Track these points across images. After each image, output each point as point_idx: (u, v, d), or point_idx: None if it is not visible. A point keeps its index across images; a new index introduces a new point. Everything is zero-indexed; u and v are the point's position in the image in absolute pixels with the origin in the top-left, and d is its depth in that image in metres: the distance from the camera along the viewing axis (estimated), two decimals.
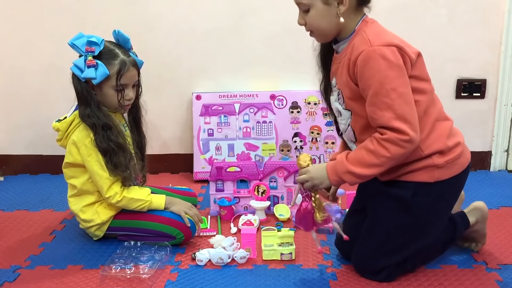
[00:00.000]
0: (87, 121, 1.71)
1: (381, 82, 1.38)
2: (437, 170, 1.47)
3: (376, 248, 1.54)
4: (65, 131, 1.77)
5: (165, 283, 1.59)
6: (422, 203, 1.50)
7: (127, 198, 1.75)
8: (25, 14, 2.43)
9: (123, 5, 2.41)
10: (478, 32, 2.42)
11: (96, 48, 1.68)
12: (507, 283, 1.56)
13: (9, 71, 2.51)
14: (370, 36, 1.41)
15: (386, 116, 1.38)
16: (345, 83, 1.48)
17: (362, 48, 1.40)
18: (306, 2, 1.46)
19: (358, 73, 1.42)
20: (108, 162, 1.72)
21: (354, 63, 1.41)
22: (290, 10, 2.42)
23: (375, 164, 1.42)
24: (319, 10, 1.45)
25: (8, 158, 2.60)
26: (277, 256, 1.70)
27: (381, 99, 1.38)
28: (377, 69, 1.38)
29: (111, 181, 1.74)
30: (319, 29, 1.50)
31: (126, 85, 1.74)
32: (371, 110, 1.42)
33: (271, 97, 2.47)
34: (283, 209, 2.05)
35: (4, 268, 1.70)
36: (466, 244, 1.76)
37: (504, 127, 2.52)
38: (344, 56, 1.48)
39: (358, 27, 1.47)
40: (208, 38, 2.45)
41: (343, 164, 1.46)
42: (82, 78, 1.68)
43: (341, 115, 1.58)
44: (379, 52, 1.38)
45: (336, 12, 1.44)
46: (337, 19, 1.45)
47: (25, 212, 2.16)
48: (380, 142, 1.41)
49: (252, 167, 2.08)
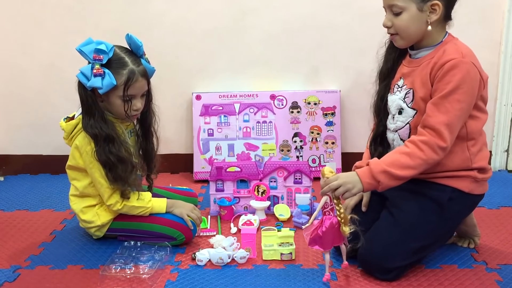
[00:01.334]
0: (89, 132, 1.67)
1: (453, 90, 1.46)
2: (474, 183, 1.57)
3: (396, 246, 1.54)
4: (69, 133, 1.75)
5: (165, 283, 1.59)
6: (454, 210, 1.57)
7: (128, 206, 1.75)
8: (25, 14, 2.43)
9: (123, 5, 2.41)
10: (478, 32, 2.42)
11: (104, 56, 1.62)
12: (507, 283, 1.56)
13: (9, 71, 2.51)
14: (464, 50, 1.51)
15: (439, 119, 1.47)
16: (424, 84, 1.54)
17: (454, 56, 1.48)
18: (401, 4, 1.51)
19: (439, 75, 1.49)
20: (107, 174, 1.71)
21: (441, 66, 1.49)
22: (290, 10, 2.44)
23: (410, 166, 1.47)
24: (412, 14, 1.51)
25: (8, 158, 2.60)
26: (277, 256, 1.70)
27: (444, 103, 1.47)
28: (457, 79, 1.46)
29: (112, 190, 1.73)
30: (406, 33, 1.55)
31: (133, 95, 1.70)
32: (430, 108, 1.49)
33: (271, 97, 2.47)
34: (283, 209, 2.05)
35: (4, 268, 1.70)
36: (464, 244, 1.77)
37: (504, 127, 2.52)
38: (426, 61, 1.55)
39: (448, 38, 1.56)
40: (208, 38, 2.45)
41: (378, 164, 1.48)
42: (88, 86, 1.64)
43: (401, 114, 1.61)
44: (467, 66, 1.47)
45: (426, 19, 1.51)
46: (425, 27, 1.52)
47: (25, 212, 2.16)
48: (417, 144, 1.48)
49: (252, 167, 2.08)
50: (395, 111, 1.63)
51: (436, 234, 1.58)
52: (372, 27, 2.43)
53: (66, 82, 1.72)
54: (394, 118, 1.63)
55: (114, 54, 1.65)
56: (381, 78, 1.69)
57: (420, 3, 1.50)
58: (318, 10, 2.41)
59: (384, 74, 1.69)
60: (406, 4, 1.50)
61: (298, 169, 2.05)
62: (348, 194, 1.49)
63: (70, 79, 1.74)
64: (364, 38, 2.42)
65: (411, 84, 1.58)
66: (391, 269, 1.55)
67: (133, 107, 1.72)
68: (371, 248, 1.56)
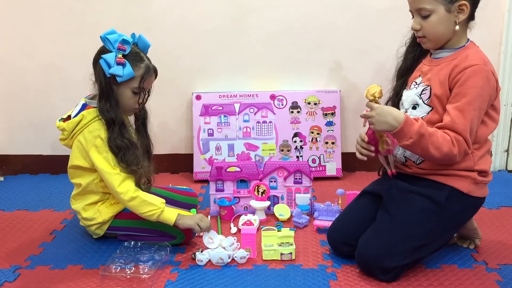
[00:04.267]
0: (106, 115, 1.70)
1: (476, 97, 1.49)
2: (473, 185, 1.58)
3: (393, 245, 1.54)
4: (71, 131, 1.75)
5: (165, 283, 1.59)
6: (452, 209, 1.58)
7: (141, 198, 1.71)
8: (25, 14, 2.43)
9: (123, 5, 2.41)
10: (478, 32, 2.41)
11: (128, 47, 1.70)
12: (507, 283, 1.56)
13: (9, 71, 2.51)
14: (485, 58, 1.55)
15: (466, 126, 1.49)
16: (442, 83, 1.55)
17: (476, 62, 1.51)
18: (430, 7, 1.52)
19: (461, 80, 1.50)
20: (121, 160, 1.71)
21: (463, 69, 1.51)
22: (290, 10, 2.44)
23: (440, 150, 1.49)
24: (440, 16, 1.52)
25: (8, 158, 2.60)
26: (277, 256, 1.71)
27: (470, 110, 1.49)
28: (480, 85, 1.50)
29: (123, 177, 1.71)
30: (435, 35, 1.56)
31: (144, 89, 1.76)
32: (454, 113, 1.50)
33: (271, 97, 2.47)
34: (283, 209, 2.05)
35: (4, 268, 1.70)
36: (465, 244, 1.78)
37: (504, 127, 2.52)
38: (446, 62, 1.57)
39: (470, 44, 1.60)
40: (208, 38, 2.45)
41: (423, 127, 1.48)
42: (108, 73, 1.68)
43: (415, 109, 1.62)
44: (487, 74, 1.51)
45: (454, 20, 1.53)
46: (453, 27, 1.54)
47: (25, 212, 2.16)
48: (453, 140, 1.49)
49: (252, 167, 2.08)
50: (408, 105, 1.63)
51: (434, 234, 1.58)
52: (372, 27, 2.44)
53: (66, 82, 1.72)
54: (407, 113, 1.62)
55: (132, 48, 1.73)
56: (399, 76, 1.72)
57: (448, 4, 1.51)
58: (318, 10, 2.41)
59: (402, 72, 1.71)
60: (435, 6, 1.51)
61: (298, 169, 2.05)
62: (373, 128, 1.52)
63: (70, 79, 1.74)
64: (364, 38, 2.43)
65: (429, 81, 1.59)
66: (390, 269, 1.55)
67: (137, 101, 1.77)
68: (369, 248, 1.57)
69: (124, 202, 1.73)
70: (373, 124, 1.50)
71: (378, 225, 1.60)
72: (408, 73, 1.69)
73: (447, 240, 1.67)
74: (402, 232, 1.55)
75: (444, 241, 1.66)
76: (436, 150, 1.48)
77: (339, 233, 1.70)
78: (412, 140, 1.47)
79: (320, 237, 1.85)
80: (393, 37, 1.75)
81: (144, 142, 1.89)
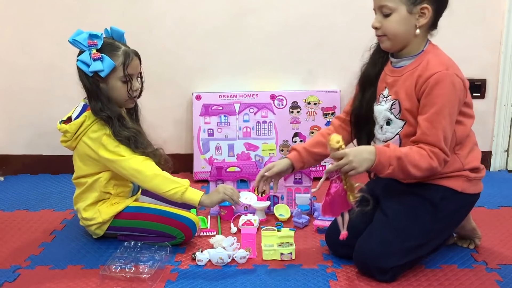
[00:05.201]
0: (102, 115, 1.70)
1: (444, 104, 1.48)
2: (466, 182, 1.58)
3: (390, 246, 1.54)
4: (74, 133, 1.74)
5: (165, 283, 1.59)
6: (447, 209, 1.57)
7: (164, 176, 1.71)
8: (25, 14, 2.43)
9: (123, 5, 2.41)
10: (478, 32, 2.42)
11: (98, 41, 1.68)
12: (507, 283, 1.56)
13: (9, 71, 2.51)
14: (447, 61, 1.52)
15: (438, 136, 1.49)
16: (409, 96, 1.54)
17: (438, 69, 1.49)
18: (392, 5, 1.51)
19: (426, 90, 1.49)
20: (135, 147, 1.71)
21: (426, 79, 1.49)
22: (290, 10, 2.44)
23: (420, 167, 1.48)
24: (401, 16, 1.51)
25: (8, 158, 2.60)
26: (277, 256, 1.71)
27: (439, 119, 1.48)
28: (446, 92, 1.48)
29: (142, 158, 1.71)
30: (394, 35, 1.54)
31: (132, 75, 1.74)
32: (425, 125, 1.50)
33: (271, 97, 2.47)
34: (283, 209, 2.05)
35: (4, 268, 1.70)
36: (465, 244, 1.78)
37: (504, 127, 2.52)
38: (409, 71, 1.55)
39: (428, 48, 1.56)
40: (208, 38, 2.45)
41: (397, 149, 1.48)
42: (89, 72, 1.67)
43: (389, 124, 1.61)
44: (452, 79, 1.48)
45: (415, 23, 1.52)
46: (414, 30, 1.52)
47: (25, 212, 2.16)
48: (429, 154, 1.49)
49: (252, 167, 2.08)
50: (383, 121, 1.63)
51: (431, 233, 1.58)
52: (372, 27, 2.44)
53: (66, 82, 1.72)
54: (383, 129, 1.63)
55: (105, 40, 1.71)
56: (369, 84, 1.66)
57: (410, 5, 1.50)
58: (318, 10, 2.41)
59: (372, 80, 1.66)
60: (397, 5, 1.50)
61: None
62: (354, 173, 1.46)
63: (70, 79, 1.74)
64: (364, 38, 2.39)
65: (396, 95, 1.58)
66: (388, 269, 1.55)
67: (133, 88, 1.76)
68: (366, 249, 1.57)
69: (146, 179, 1.71)
70: (354, 169, 1.45)
71: (375, 226, 1.60)
72: (377, 80, 1.65)
73: (444, 238, 1.67)
74: (398, 232, 1.55)
75: (441, 240, 1.65)
76: (415, 168, 1.48)
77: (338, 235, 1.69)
78: (393, 167, 1.47)
79: (320, 237, 1.85)
80: None
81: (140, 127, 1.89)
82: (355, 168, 1.45)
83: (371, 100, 1.66)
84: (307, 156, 1.72)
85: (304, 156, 1.72)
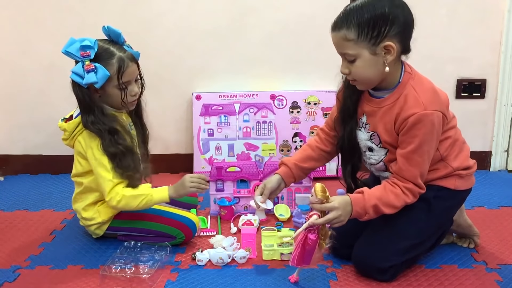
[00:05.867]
0: (92, 129, 1.67)
1: (421, 144, 1.47)
2: (459, 180, 1.59)
3: (388, 246, 1.55)
4: (71, 132, 1.74)
5: (165, 283, 1.59)
6: (442, 206, 1.59)
7: (126, 196, 1.71)
8: (25, 14, 2.43)
9: (123, 5, 2.41)
10: (478, 32, 2.42)
11: (91, 51, 1.63)
12: (507, 283, 1.56)
13: (9, 71, 2.51)
14: (423, 97, 1.47)
15: (413, 173, 1.49)
16: (388, 132, 1.53)
17: (416, 110, 1.45)
18: (352, 52, 1.46)
19: (404, 129, 1.48)
20: (117, 166, 1.70)
21: (404, 120, 1.47)
22: (290, 10, 2.44)
23: (394, 206, 1.51)
24: (366, 60, 1.46)
25: (8, 158, 2.60)
26: (277, 256, 1.71)
27: (415, 157, 1.48)
28: (423, 132, 1.46)
29: (114, 184, 1.71)
30: (364, 78, 1.51)
31: (128, 81, 1.71)
32: (401, 161, 1.50)
33: (271, 97, 2.47)
34: (283, 209, 2.05)
35: (4, 268, 1.70)
36: (465, 244, 1.78)
37: (504, 127, 2.52)
38: (387, 105, 1.52)
39: (404, 79, 1.51)
40: (208, 38, 2.45)
41: (371, 198, 1.50)
42: (84, 84, 1.64)
43: (372, 151, 1.61)
44: (431, 118, 1.45)
45: (383, 61, 1.46)
46: (383, 68, 1.46)
47: (25, 212, 2.16)
48: (404, 191, 1.51)
49: (252, 167, 2.08)
50: (365, 148, 1.63)
51: (427, 232, 1.59)
52: None
53: (66, 82, 1.71)
54: (367, 155, 1.63)
55: (99, 47, 1.66)
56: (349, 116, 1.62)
57: (371, 47, 1.43)
58: (318, 10, 2.41)
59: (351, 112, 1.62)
60: (358, 51, 1.44)
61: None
62: (340, 225, 1.49)
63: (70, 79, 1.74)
64: None
65: (374, 127, 1.57)
66: (386, 269, 1.55)
67: (130, 93, 1.73)
68: (364, 250, 1.58)
69: (114, 207, 1.74)
70: (341, 222, 1.47)
71: (372, 227, 1.60)
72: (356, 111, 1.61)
73: (439, 236, 1.66)
74: (395, 232, 1.55)
75: (437, 237, 1.65)
76: (390, 208, 1.50)
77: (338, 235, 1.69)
78: (369, 214, 1.50)
79: None
80: None
81: (141, 133, 1.88)
82: (342, 221, 1.48)
83: (353, 130, 1.63)
84: (298, 171, 1.73)
85: (295, 172, 1.73)
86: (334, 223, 1.48)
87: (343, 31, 1.46)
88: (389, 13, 1.42)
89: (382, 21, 1.42)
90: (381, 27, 1.42)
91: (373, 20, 1.42)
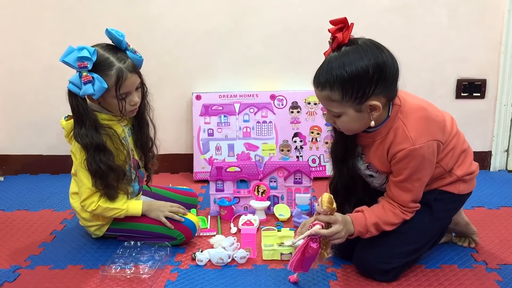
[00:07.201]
0: (80, 141, 1.65)
1: (411, 174, 1.48)
2: (462, 184, 1.60)
3: (392, 249, 1.55)
4: (69, 132, 1.74)
5: (165, 283, 1.59)
6: (444, 209, 1.60)
7: (102, 207, 1.72)
8: (25, 14, 2.43)
9: (123, 5, 2.41)
10: (478, 32, 2.42)
11: (89, 62, 1.59)
12: (507, 283, 1.56)
13: (9, 72, 2.51)
14: (411, 132, 1.45)
15: (405, 198, 1.52)
16: (383, 164, 1.54)
17: (404, 145, 1.45)
18: (337, 111, 1.44)
19: (394, 161, 1.49)
20: (95, 183, 1.69)
21: (394, 155, 1.48)
22: (290, 10, 2.44)
23: (393, 223, 1.54)
24: (351, 117, 1.45)
25: (8, 158, 2.60)
26: (277, 256, 1.71)
27: (406, 185, 1.50)
28: (412, 165, 1.47)
29: (92, 191, 1.71)
30: (350, 131, 1.52)
31: (128, 92, 1.68)
32: (394, 189, 1.53)
33: (271, 97, 2.47)
34: (283, 209, 2.05)
35: (4, 268, 1.70)
36: (465, 243, 1.78)
37: (504, 127, 2.52)
38: (377, 139, 1.52)
39: (393, 113, 1.48)
40: (208, 38, 2.45)
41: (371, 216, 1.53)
42: (81, 95, 1.62)
43: (373, 177, 1.62)
44: (420, 152, 1.45)
45: (369, 116, 1.44)
46: (369, 121, 1.45)
47: (25, 212, 2.16)
48: (402, 210, 1.54)
49: (252, 167, 2.08)
50: (365, 176, 1.64)
51: (429, 234, 1.61)
52: (372, 27, 2.44)
53: (66, 82, 1.71)
54: (369, 180, 1.65)
55: (98, 56, 1.61)
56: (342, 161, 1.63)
57: (356, 106, 1.41)
58: (318, 10, 2.41)
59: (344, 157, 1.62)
60: (343, 109, 1.43)
61: (298, 169, 2.05)
62: (340, 241, 1.51)
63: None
64: None
65: (369, 160, 1.58)
66: (389, 270, 1.56)
67: (130, 103, 1.70)
68: (367, 253, 1.58)
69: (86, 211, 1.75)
70: (341, 238, 1.49)
71: None
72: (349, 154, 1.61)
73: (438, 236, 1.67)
74: (398, 236, 1.55)
75: (435, 238, 1.66)
76: (390, 226, 1.54)
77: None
78: (371, 232, 1.52)
79: None
80: (393, 37, 1.76)
81: (140, 139, 1.86)
82: (342, 238, 1.50)
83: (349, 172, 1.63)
84: None
85: None
86: (334, 239, 1.49)
87: (327, 91, 1.41)
88: (373, 73, 1.37)
89: (367, 82, 1.38)
90: (365, 88, 1.38)
91: (357, 81, 1.37)
